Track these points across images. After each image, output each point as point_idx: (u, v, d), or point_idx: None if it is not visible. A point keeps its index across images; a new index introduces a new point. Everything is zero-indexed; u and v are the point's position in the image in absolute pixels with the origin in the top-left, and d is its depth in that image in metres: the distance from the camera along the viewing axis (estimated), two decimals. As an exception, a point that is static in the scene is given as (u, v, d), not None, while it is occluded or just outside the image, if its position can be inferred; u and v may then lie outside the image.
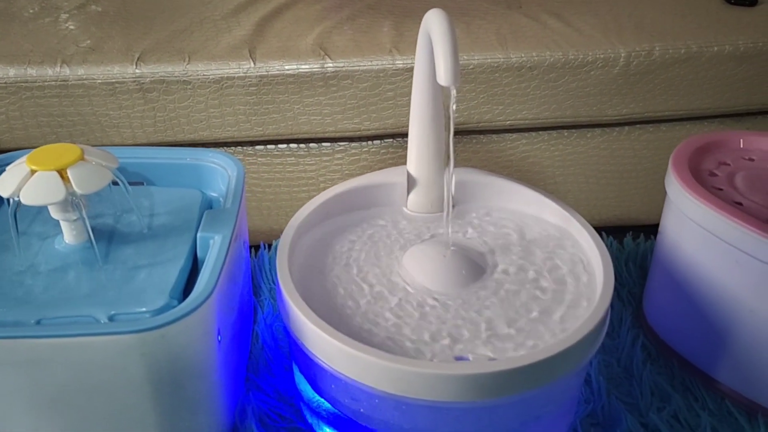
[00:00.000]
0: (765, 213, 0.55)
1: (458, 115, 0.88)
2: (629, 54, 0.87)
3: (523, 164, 0.96)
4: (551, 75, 0.87)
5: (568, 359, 0.44)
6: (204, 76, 0.82)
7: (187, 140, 0.86)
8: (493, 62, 0.86)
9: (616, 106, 0.91)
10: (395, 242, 0.56)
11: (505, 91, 0.88)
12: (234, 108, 0.84)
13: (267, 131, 0.87)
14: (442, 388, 0.41)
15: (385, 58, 0.85)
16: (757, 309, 0.54)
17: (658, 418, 0.59)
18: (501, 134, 0.94)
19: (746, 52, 0.89)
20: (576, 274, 0.52)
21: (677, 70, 0.89)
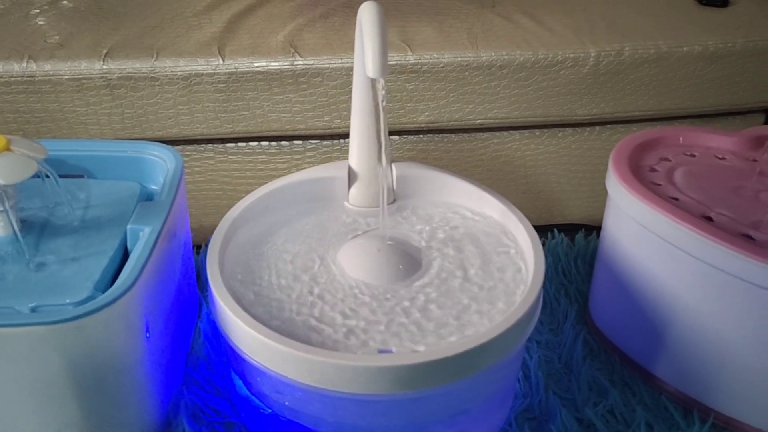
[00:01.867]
0: (700, 209, 0.56)
1: (428, 113, 0.89)
2: (599, 53, 0.88)
3: (495, 163, 0.96)
4: (521, 74, 0.87)
5: (490, 352, 0.44)
6: (172, 72, 0.82)
7: (155, 137, 0.86)
8: (463, 61, 0.86)
9: (587, 106, 0.91)
10: (334, 236, 0.56)
11: (475, 90, 0.88)
12: (203, 105, 0.84)
13: (237, 129, 0.87)
14: (361, 380, 0.42)
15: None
16: (691, 305, 0.55)
17: (593, 413, 0.59)
18: (472, 133, 0.94)
19: (716, 53, 0.90)
20: (510, 268, 0.53)
21: (647, 70, 0.89)
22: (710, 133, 0.66)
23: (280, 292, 0.51)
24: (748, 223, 0.54)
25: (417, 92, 0.87)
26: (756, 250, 0.50)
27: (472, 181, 0.59)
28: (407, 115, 0.89)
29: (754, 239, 0.53)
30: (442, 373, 0.42)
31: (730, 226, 0.54)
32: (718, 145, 0.65)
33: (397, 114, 0.88)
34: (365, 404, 0.43)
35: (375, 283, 0.50)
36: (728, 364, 0.55)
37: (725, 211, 0.56)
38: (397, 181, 0.59)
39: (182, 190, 0.60)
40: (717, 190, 0.58)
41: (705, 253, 0.51)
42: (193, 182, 0.92)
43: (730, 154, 0.64)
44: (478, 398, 0.47)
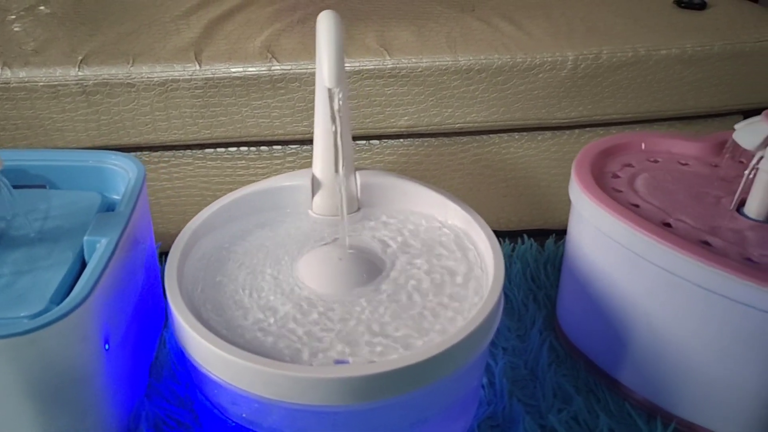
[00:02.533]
0: (660, 215, 0.56)
1: (408, 118, 0.88)
2: (577, 57, 0.88)
3: (475, 167, 0.96)
4: (499, 78, 0.87)
5: (446, 362, 0.43)
6: (148, 78, 0.81)
7: (132, 144, 0.86)
8: (441, 65, 0.86)
9: (565, 109, 0.91)
10: (296, 245, 0.55)
11: (453, 94, 0.88)
12: (180, 111, 0.84)
13: (215, 134, 0.86)
14: (316, 392, 0.41)
15: (333, 60, 0.84)
16: (652, 312, 0.55)
17: (556, 420, 0.59)
18: (452, 137, 0.94)
19: (693, 56, 0.90)
20: (471, 276, 0.53)
21: (625, 73, 0.89)
22: (674, 139, 0.66)
23: (238, 302, 0.50)
24: (707, 229, 0.54)
25: (396, 97, 0.87)
26: (713, 258, 0.50)
27: (436, 189, 0.59)
28: (387, 120, 0.89)
29: (711, 245, 0.53)
30: (398, 383, 0.42)
31: (688, 233, 0.54)
32: (682, 151, 0.65)
33: (376, 119, 0.88)
34: (322, 415, 0.43)
35: (335, 292, 0.50)
36: (689, 370, 0.56)
37: (685, 217, 0.56)
38: (362, 190, 0.59)
39: (144, 200, 0.59)
40: (678, 196, 0.59)
41: (663, 260, 0.51)
42: (172, 188, 0.91)
43: (693, 159, 0.64)
44: (437, 407, 0.47)
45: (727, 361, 0.53)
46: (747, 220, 0.56)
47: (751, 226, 0.55)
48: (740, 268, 0.49)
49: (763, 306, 0.48)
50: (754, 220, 0.56)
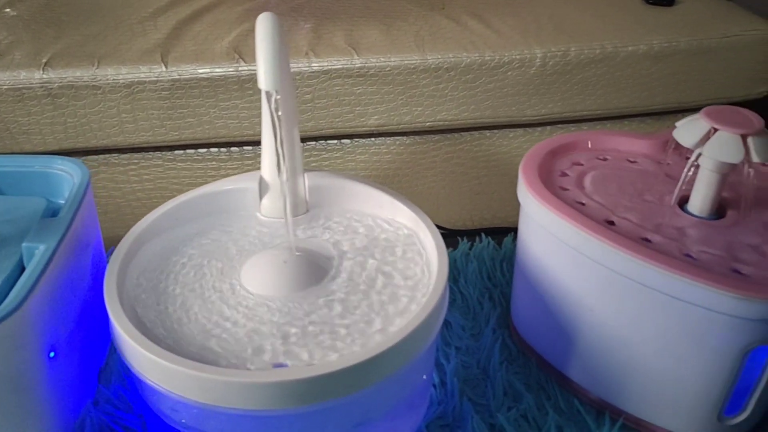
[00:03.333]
0: (604, 213, 0.56)
1: (378, 117, 0.88)
2: (545, 54, 0.88)
3: (447, 165, 0.96)
4: (468, 76, 0.87)
5: (385, 363, 0.43)
6: (114, 80, 0.81)
7: (100, 146, 0.85)
8: (410, 64, 0.86)
9: (535, 106, 0.91)
10: (243, 248, 0.55)
11: (423, 93, 0.88)
12: (147, 113, 0.83)
13: (183, 136, 0.86)
14: (252, 396, 0.41)
15: (301, 60, 0.84)
16: (597, 309, 0.55)
17: (505, 418, 0.59)
18: (423, 135, 0.94)
19: (661, 52, 0.91)
20: (418, 277, 0.52)
21: (593, 70, 0.90)
22: (623, 137, 0.66)
23: (180, 307, 0.50)
24: (649, 226, 0.55)
25: (365, 96, 0.87)
26: (651, 255, 0.50)
27: (385, 189, 0.59)
28: (357, 119, 0.88)
29: (652, 242, 0.53)
30: (337, 386, 0.42)
31: (630, 231, 0.54)
32: (631, 149, 0.65)
33: (346, 118, 0.88)
34: (261, 420, 0.43)
35: (280, 295, 0.50)
36: (634, 366, 0.56)
37: (629, 214, 0.56)
38: (310, 191, 0.59)
39: (89, 204, 0.58)
40: (624, 193, 0.59)
41: (605, 258, 0.52)
42: (142, 190, 0.91)
43: (642, 157, 0.64)
44: (381, 408, 0.47)
45: (669, 357, 0.53)
46: (689, 217, 0.56)
47: (693, 223, 0.56)
48: (678, 265, 0.49)
49: (702, 302, 0.48)
50: (697, 216, 0.56)
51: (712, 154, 0.52)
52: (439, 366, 0.64)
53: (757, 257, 0.52)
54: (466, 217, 1.00)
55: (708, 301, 0.48)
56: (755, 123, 0.52)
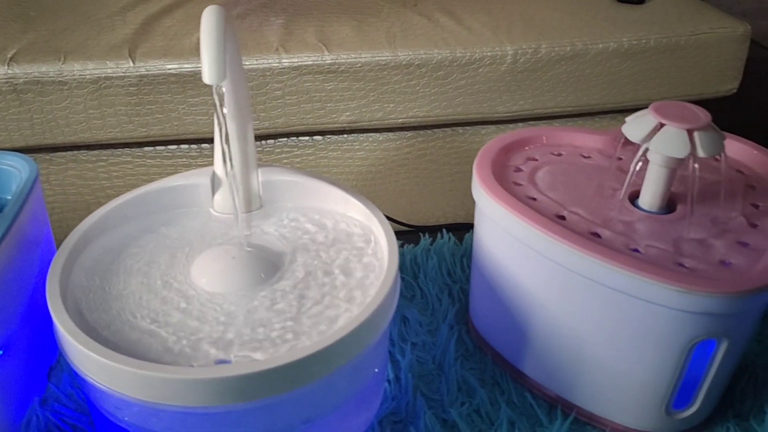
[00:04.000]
0: (555, 208, 0.56)
1: (349, 113, 0.88)
2: (516, 51, 0.88)
3: (421, 162, 0.96)
4: (440, 73, 0.88)
5: (330, 358, 0.43)
6: (80, 76, 0.80)
7: (67, 142, 0.84)
8: (381, 60, 0.86)
9: (506, 103, 0.92)
10: (194, 245, 0.54)
11: (395, 89, 0.88)
12: (115, 109, 0.82)
13: (152, 132, 0.85)
14: (189, 393, 0.41)
15: (271, 56, 0.84)
16: (547, 304, 0.55)
17: (458, 413, 0.59)
18: (396, 132, 0.94)
19: (630, 49, 0.91)
20: (369, 273, 0.52)
21: (564, 67, 0.90)
22: (579, 132, 0.66)
23: (126, 305, 0.49)
24: (599, 221, 0.55)
25: (336, 92, 0.87)
26: (598, 249, 0.50)
27: (339, 184, 0.58)
28: (328, 115, 0.88)
29: (601, 237, 0.53)
30: (280, 382, 0.42)
31: (580, 225, 0.54)
32: (586, 144, 0.66)
33: (317, 114, 0.88)
34: (204, 417, 0.42)
35: (229, 292, 0.49)
36: (585, 361, 0.56)
37: (579, 209, 0.56)
38: (264, 187, 0.58)
39: (36, 200, 0.57)
40: (576, 188, 0.59)
41: (553, 253, 0.52)
42: (111, 187, 0.90)
43: (596, 152, 0.65)
44: (327, 405, 0.46)
45: (617, 351, 0.53)
46: (640, 212, 0.57)
47: (642, 218, 0.56)
48: (623, 259, 0.49)
49: (646, 296, 0.49)
50: (647, 211, 0.57)
51: (658, 149, 0.52)
52: (394, 362, 0.64)
53: (702, 251, 0.52)
54: (440, 214, 1.00)
55: (652, 295, 0.48)
56: (702, 118, 0.52)
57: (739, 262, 0.51)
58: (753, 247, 0.53)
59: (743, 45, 0.96)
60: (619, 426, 0.58)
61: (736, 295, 0.47)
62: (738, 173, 0.62)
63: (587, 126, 0.98)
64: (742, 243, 0.53)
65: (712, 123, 0.53)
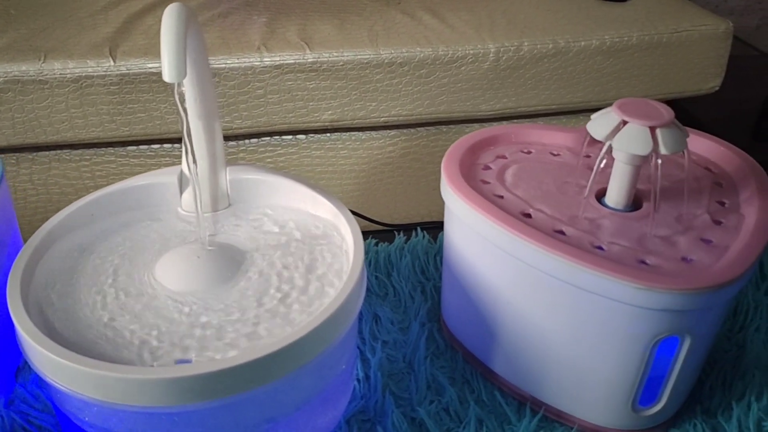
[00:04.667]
0: (522, 206, 0.56)
1: (332, 112, 0.88)
2: (498, 49, 0.88)
3: (404, 161, 0.96)
4: (422, 71, 0.88)
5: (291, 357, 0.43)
6: (61, 75, 0.80)
7: (50, 142, 0.84)
8: (363, 59, 0.86)
9: (490, 101, 0.92)
10: (160, 244, 0.54)
11: (377, 88, 0.88)
12: (97, 108, 0.82)
13: (135, 131, 0.85)
14: (148, 393, 0.41)
15: (253, 55, 0.84)
16: (515, 302, 0.56)
17: (426, 412, 0.59)
18: (379, 131, 0.94)
19: (613, 47, 0.91)
20: (335, 270, 0.52)
21: (546, 65, 0.91)
22: (548, 130, 0.67)
23: (91, 306, 0.49)
24: (565, 219, 0.55)
25: (318, 91, 0.87)
26: (561, 247, 0.50)
27: (307, 183, 0.58)
28: (310, 114, 0.88)
29: (566, 235, 0.54)
30: (240, 380, 0.41)
31: (545, 223, 0.54)
32: (556, 142, 0.66)
33: (299, 113, 0.88)
34: (164, 417, 0.42)
35: (192, 291, 0.49)
36: (551, 358, 0.56)
37: (545, 207, 0.56)
38: (232, 185, 0.58)
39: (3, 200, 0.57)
40: (544, 186, 0.59)
41: (518, 251, 0.52)
42: (95, 187, 0.90)
43: (566, 150, 0.65)
44: (291, 404, 0.46)
45: (582, 348, 0.53)
46: (605, 209, 0.57)
47: (608, 215, 0.56)
48: (585, 257, 0.49)
49: (608, 293, 0.49)
50: (613, 209, 0.57)
51: (621, 146, 0.52)
52: (364, 360, 0.64)
53: (665, 248, 0.52)
54: (424, 213, 1.00)
55: (614, 293, 0.49)
56: (665, 115, 0.53)
57: (701, 258, 0.51)
58: (716, 243, 0.53)
59: (725, 42, 0.96)
60: (587, 423, 0.58)
61: (697, 292, 0.48)
62: (706, 170, 0.63)
63: (571, 124, 0.98)
64: (705, 240, 0.53)
65: (676, 120, 0.53)
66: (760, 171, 0.61)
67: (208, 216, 0.56)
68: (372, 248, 0.83)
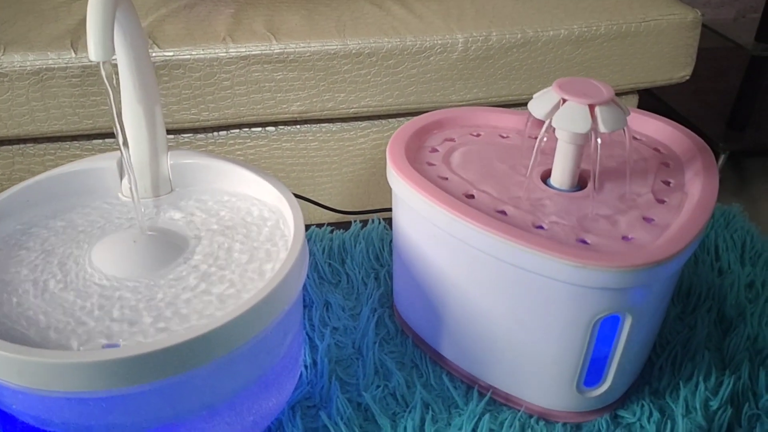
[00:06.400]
0: (465, 187, 0.55)
1: (300, 103, 0.88)
2: (467, 39, 0.88)
3: (376, 152, 0.96)
4: (390, 62, 0.87)
5: (221, 339, 0.42)
6: (21, 67, 0.78)
7: (12, 135, 0.82)
8: (330, 49, 0.85)
9: (460, 92, 0.91)
10: (98, 230, 0.53)
11: (345, 78, 0.87)
12: (58, 101, 0.81)
13: (98, 124, 0.84)
14: (72, 377, 0.40)
15: (218, 46, 0.83)
16: (459, 284, 0.55)
17: (371, 397, 0.59)
18: (349, 122, 0.93)
19: (581, 36, 0.91)
20: (277, 254, 0.52)
21: (515, 55, 0.90)
22: (497, 113, 0.66)
23: (23, 292, 0.48)
24: (507, 199, 0.55)
25: (286, 82, 0.86)
26: (502, 227, 0.50)
27: (250, 167, 0.58)
28: (278, 106, 0.87)
29: (507, 215, 0.53)
30: (167, 364, 0.41)
31: (487, 204, 0.54)
32: (505, 124, 0.65)
33: (267, 104, 0.87)
34: (90, 404, 0.41)
35: (127, 276, 0.49)
36: (497, 341, 0.56)
37: (489, 188, 0.56)
38: (173, 170, 0.58)
39: None
40: (489, 168, 0.59)
41: (459, 231, 0.52)
42: (60, 182, 0.88)
43: (514, 132, 0.65)
44: (226, 390, 0.46)
45: (525, 329, 0.53)
46: (549, 189, 0.57)
47: (551, 195, 0.56)
48: (523, 236, 0.49)
49: (546, 272, 0.49)
50: (557, 189, 0.57)
51: (560, 124, 0.52)
52: (312, 347, 0.63)
53: (606, 227, 0.52)
54: (397, 204, 1.00)
55: (551, 271, 0.48)
56: (604, 93, 0.52)
57: (641, 237, 0.51)
58: (657, 222, 0.53)
59: (694, 32, 0.96)
60: (533, 406, 0.58)
61: (634, 269, 0.47)
62: (654, 151, 0.62)
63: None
64: (647, 219, 0.53)
65: (616, 98, 0.53)
66: (706, 150, 0.61)
67: (150, 201, 0.56)
68: (327, 236, 0.83)
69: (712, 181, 0.56)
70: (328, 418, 0.56)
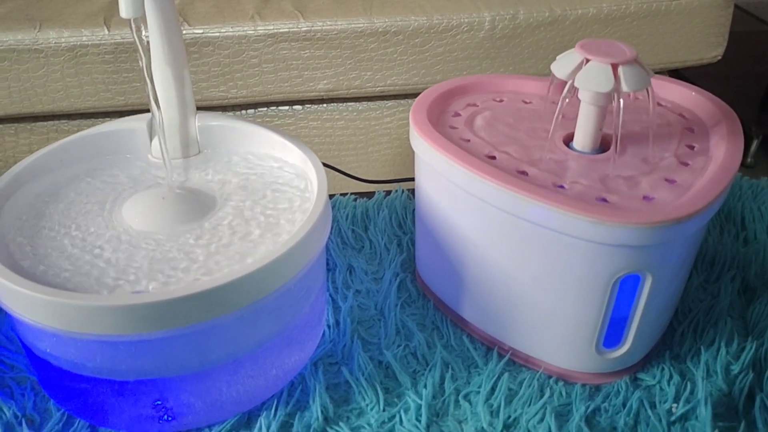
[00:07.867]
0: (487, 149, 0.56)
1: (327, 81, 0.88)
2: (494, 18, 0.88)
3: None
4: (417, 40, 0.87)
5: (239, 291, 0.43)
6: (56, 44, 0.80)
7: (46, 111, 0.85)
8: (357, 27, 0.85)
9: (487, 70, 0.91)
10: (129, 188, 0.55)
11: (371, 57, 0.88)
12: (92, 77, 0.83)
13: (130, 101, 0.85)
14: (102, 320, 0.41)
15: (247, 24, 0.84)
16: (480, 245, 0.55)
17: (392, 355, 0.60)
18: (376, 101, 0.94)
19: (610, 15, 0.90)
20: (300, 213, 0.53)
21: (543, 33, 0.90)
22: (522, 79, 0.66)
23: (57, 244, 0.50)
24: (528, 160, 0.55)
25: (313, 60, 0.87)
26: (524, 186, 0.50)
27: (275, 130, 0.59)
28: (305, 84, 0.88)
29: (528, 175, 0.53)
30: (191, 311, 0.42)
31: (509, 164, 0.54)
32: (528, 90, 0.65)
33: (294, 83, 0.88)
34: (118, 347, 0.42)
35: (156, 230, 0.50)
36: (517, 302, 0.56)
37: (511, 150, 0.56)
38: (201, 132, 0.59)
39: None
40: (511, 130, 0.59)
41: (481, 191, 0.52)
42: (93, 158, 0.91)
43: (538, 98, 0.64)
44: (249, 342, 0.47)
45: (545, 290, 0.53)
46: (571, 152, 0.57)
47: (574, 157, 0.56)
48: (545, 194, 0.49)
49: (566, 230, 0.48)
50: (579, 151, 0.57)
51: (582, 84, 0.52)
52: (336, 308, 0.65)
53: (627, 187, 0.52)
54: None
55: (571, 228, 0.48)
56: (627, 53, 0.52)
57: (662, 196, 0.51)
58: (680, 183, 0.52)
59: (726, 11, 0.95)
60: (553, 366, 0.58)
61: (654, 226, 0.47)
62: (679, 117, 0.62)
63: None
64: (669, 180, 0.53)
65: (639, 59, 0.52)
66: (732, 116, 0.60)
67: (178, 162, 0.57)
68: (350, 203, 0.84)
69: (737, 145, 0.55)
70: (350, 373, 0.57)
